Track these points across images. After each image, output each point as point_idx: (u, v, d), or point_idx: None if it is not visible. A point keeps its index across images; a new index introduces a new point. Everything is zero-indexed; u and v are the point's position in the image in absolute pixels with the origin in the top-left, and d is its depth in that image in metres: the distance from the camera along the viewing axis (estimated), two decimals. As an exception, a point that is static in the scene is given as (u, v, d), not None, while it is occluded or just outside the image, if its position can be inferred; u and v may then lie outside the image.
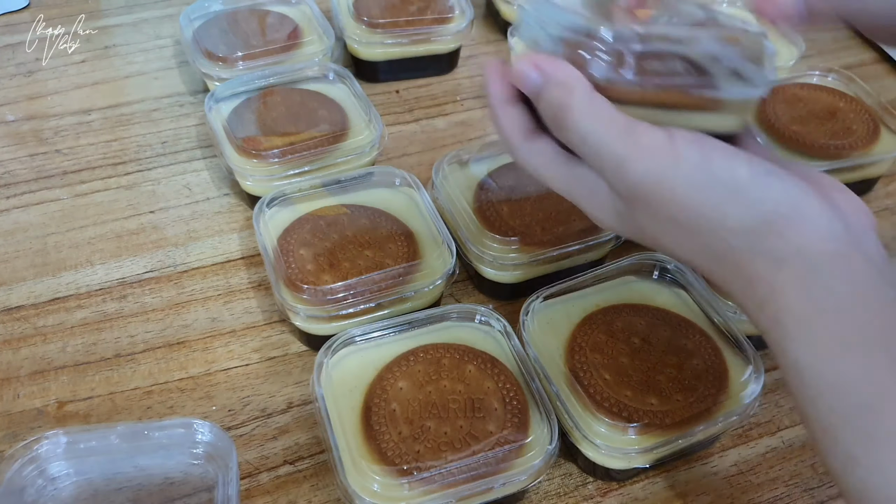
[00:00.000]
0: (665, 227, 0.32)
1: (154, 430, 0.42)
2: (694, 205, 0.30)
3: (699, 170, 0.30)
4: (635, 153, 0.30)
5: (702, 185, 0.30)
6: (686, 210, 0.30)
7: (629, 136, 0.31)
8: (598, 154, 0.31)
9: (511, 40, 0.68)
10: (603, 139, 0.31)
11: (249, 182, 0.57)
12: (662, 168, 0.30)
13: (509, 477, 0.41)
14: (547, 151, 0.34)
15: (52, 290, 0.53)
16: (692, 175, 0.30)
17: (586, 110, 0.31)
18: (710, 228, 0.30)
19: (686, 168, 0.30)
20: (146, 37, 0.75)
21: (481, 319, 0.48)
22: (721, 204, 0.30)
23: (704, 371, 0.45)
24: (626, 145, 0.31)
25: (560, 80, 0.32)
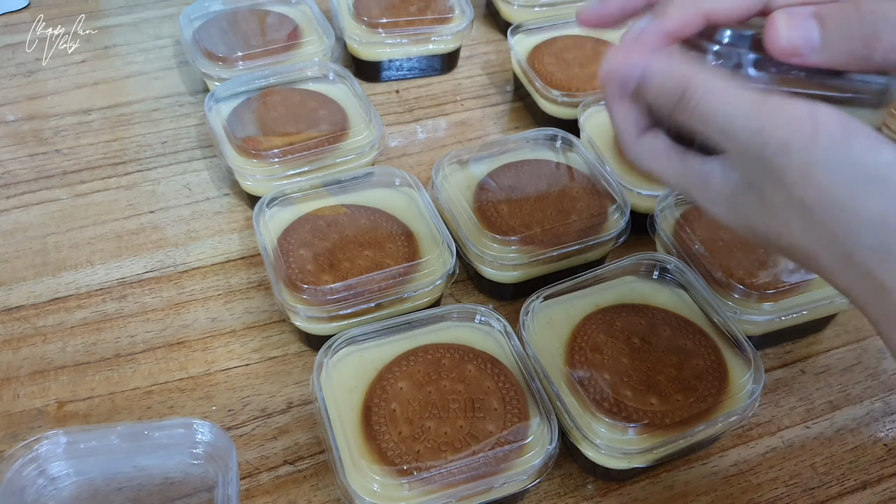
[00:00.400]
0: (788, 213, 0.29)
1: (154, 430, 0.42)
2: (829, 185, 0.27)
3: (840, 147, 0.27)
4: (771, 122, 0.28)
5: (840, 165, 0.27)
6: (819, 190, 0.27)
7: (763, 105, 0.28)
8: (726, 131, 0.29)
9: (511, 40, 0.68)
10: (733, 111, 0.29)
11: (249, 182, 0.57)
12: (800, 139, 0.27)
13: (509, 477, 0.41)
14: (659, 147, 0.33)
15: (52, 290, 0.53)
16: (831, 151, 0.27)
17: (711, 84, 0.29)
18: (843, 217, 0.27)
19: (825, 142, 0.27)
20: (146, 37, 0.75)
21: (481, 319, 0.48)
22: (858, 190, 0.27)
23: (704, 371, 0.45)
24: (761, 114, 0.28)
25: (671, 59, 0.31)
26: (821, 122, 0.28)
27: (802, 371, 0.52)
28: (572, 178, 0.56)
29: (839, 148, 0.27)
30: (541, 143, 0.60)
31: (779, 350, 0.53)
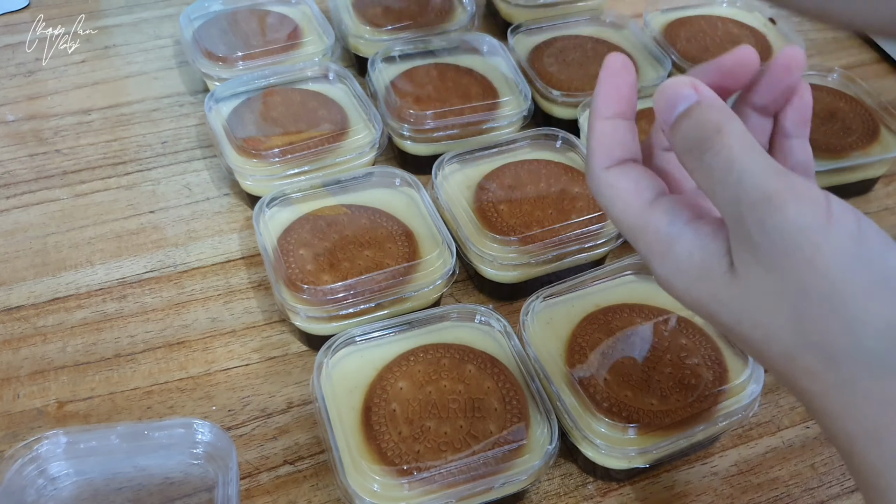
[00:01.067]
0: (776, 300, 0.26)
1: (154, 430, 0.42)
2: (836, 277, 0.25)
3: (852, 240, 0.25)
4: (788, 194, 0.26)
5: (852, 259, 0.25)
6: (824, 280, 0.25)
7: (784, 176, 0.26)
8: (738, 185, 0.26)
9: (511, 40, 0.68)
10: (752, 171, 0.26)
11: (249, 182, 0.57)
12: (815, 220, 0.25)
13: (509, 477, 0.41)
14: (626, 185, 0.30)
15: (52, 290, 0.53)
16: (844, 242, 0.25)
17: (742, 138, 0.27)
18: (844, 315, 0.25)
19: (839, 232, 0.25)
20: (146, 37, 0.75)
21: (481, 319, 0.48)
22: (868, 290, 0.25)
23: (704, 371, 0.45)
24: (780, 183, 0.26)
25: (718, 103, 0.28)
26: (836, 211, 0.26)
27: (802, 371, 0.52)
28: (572, 178, 0.56)
29: (853, 241, 0.25)
30: (541, 143, 0.60)
31: (779, 350, 0.53)
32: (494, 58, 0.67)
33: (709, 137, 0.27)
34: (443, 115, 0.60)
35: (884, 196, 0.65)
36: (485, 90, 0.63)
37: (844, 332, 0.25)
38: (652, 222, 0.30)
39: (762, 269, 0.26)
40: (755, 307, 0.27)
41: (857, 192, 0.64)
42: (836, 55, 0.78)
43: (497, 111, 0.62)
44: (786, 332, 0.26)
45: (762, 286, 0.26)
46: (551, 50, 0.67)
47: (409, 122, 0.60)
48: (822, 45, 0.80)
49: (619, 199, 0.30)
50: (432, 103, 0.61)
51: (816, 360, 0.26)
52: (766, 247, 0.26)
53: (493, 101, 0.62)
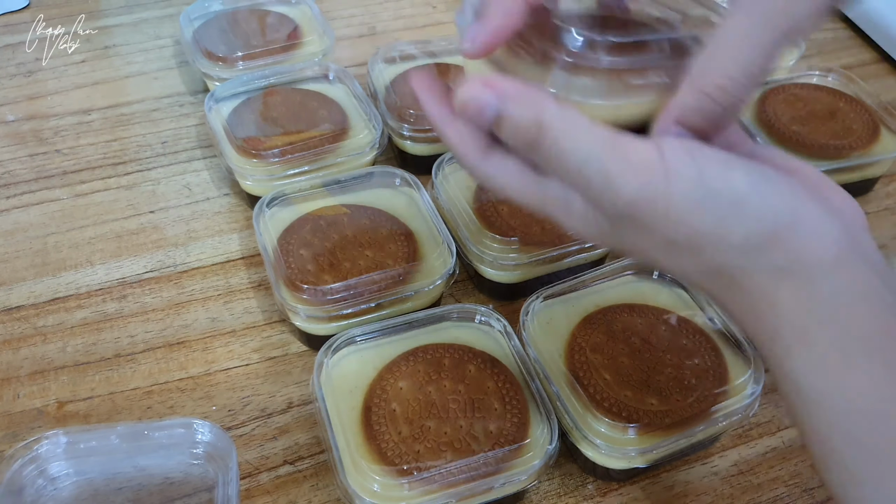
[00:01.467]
0: (657, 246, 0.29)
1: (154, 430, 0.42)
2: (692, 223, 0.28)
3: (695, 185, 0.27)
4: (624, 171, 0.28)
5: (699, 202, 0.27)
6: (683, 229, 0.28)
7: (615, 151, 0.28)
8: (580, 173, 0.28)
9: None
10: (587, 157, 0.28)
11: (249, 182, 0.57)
12: (655, 185, 0.27)
13: (509, 477, 0.41)
14: (509, 166, 0.31)
15: (52, 290, 0.53)
16: (688, 192, 0.27)
17: (563, 126, 0.28)
18: (711, 246, 0.28)
19: (680, 185, 0.27)
20: (146, 37, 0.75)
21: (481, 319, 0.48)
22: (722, 220, 0.28)
23: (704, 371, 0.45)
24: (614, 162, 0.28)
25: (524, 96, 0.29)
26: (670, 161, 0.27)
27: (802, 371, 0.52)
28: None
29: (695, 185, 0.27)
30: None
31: (779, 350, 0.53)
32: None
33: (532, 138, 0.29)
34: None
35: (884, 196, 0.65)
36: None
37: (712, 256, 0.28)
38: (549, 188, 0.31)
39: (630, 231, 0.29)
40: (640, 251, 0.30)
41: (857, 192, 0.64)
42: (836, 55, 0.78)
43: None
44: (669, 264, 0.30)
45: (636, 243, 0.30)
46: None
47: (409, 122, 0.60)
48: (822, 45, 0.80)
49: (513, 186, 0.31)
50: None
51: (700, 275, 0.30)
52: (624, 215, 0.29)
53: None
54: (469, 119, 0.30)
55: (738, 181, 0.28)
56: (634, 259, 0.32)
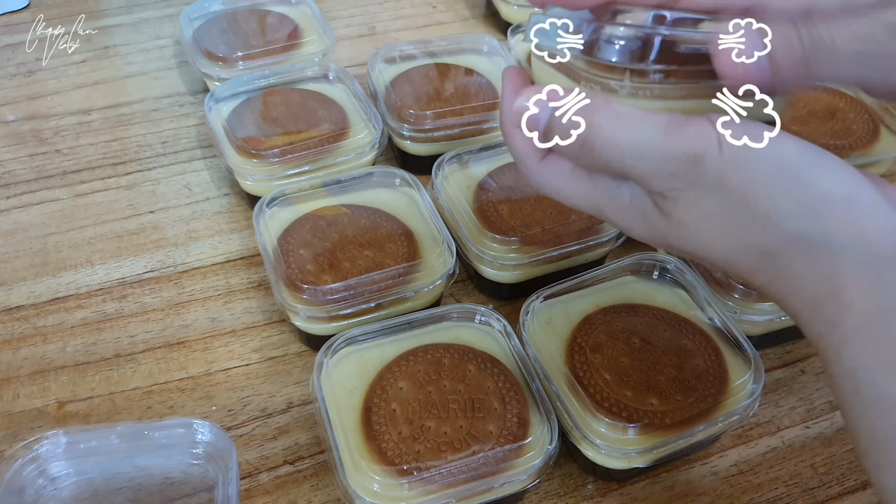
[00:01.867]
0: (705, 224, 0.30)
1: (154, 430, 0.42)
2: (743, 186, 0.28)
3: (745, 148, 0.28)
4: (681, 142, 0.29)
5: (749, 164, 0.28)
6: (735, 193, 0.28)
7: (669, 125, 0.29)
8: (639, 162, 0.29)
9: (511, 40, 0.68)
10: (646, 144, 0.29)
11: (249, 182, 0.57)
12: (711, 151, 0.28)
13: (509, 477, 0.41)
14: (564, 169, 0.33)
15: (52, 290, 0.53)
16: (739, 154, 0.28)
17: (614, 123, 0.30)
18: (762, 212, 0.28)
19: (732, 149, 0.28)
20: (146, 37, 0.75)
21: (481, 319, 0.48)
22: (771, 186, 0.28)
23: (704, 371, 0.45)
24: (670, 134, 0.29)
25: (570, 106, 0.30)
26: (722, 131, 0.28)
27: (802, 371, 0.52)
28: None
29: (745, 150, 0.28)
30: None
31: (779, 350, 0.53)
32: (494, 58, 0.67)
33: (585, 139, 0.30)
34: (443, 115, 0.60)
35: (884, 196, 0.64)
36: (485, 90, 0.63)
37: (765, 229, 0.28)
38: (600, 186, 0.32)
39: (683, 207, 0.30)
40: (691, 234, 0.31)
41: (857, 192, 0.64)
42: (836, 55, 0.78)
43: (497, 111, 0.62)
44: (722, 245, 0.30)
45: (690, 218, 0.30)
46: (551, 50, 0.67)
47: (409, 122, 0.60)
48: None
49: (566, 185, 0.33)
50: (432, 103, 0.61)
51: (753, 258, 0.30)
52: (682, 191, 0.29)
53: (494, 100, 0.62)
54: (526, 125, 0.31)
55: (787, 149, 0.28)
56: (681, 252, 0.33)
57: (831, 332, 0.28)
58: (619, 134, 0.29)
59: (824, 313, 0.28)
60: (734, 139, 0.28)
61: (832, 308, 0.27)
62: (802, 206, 0.28)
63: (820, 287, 0.28)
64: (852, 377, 0.27)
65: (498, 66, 0.66)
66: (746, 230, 0.29)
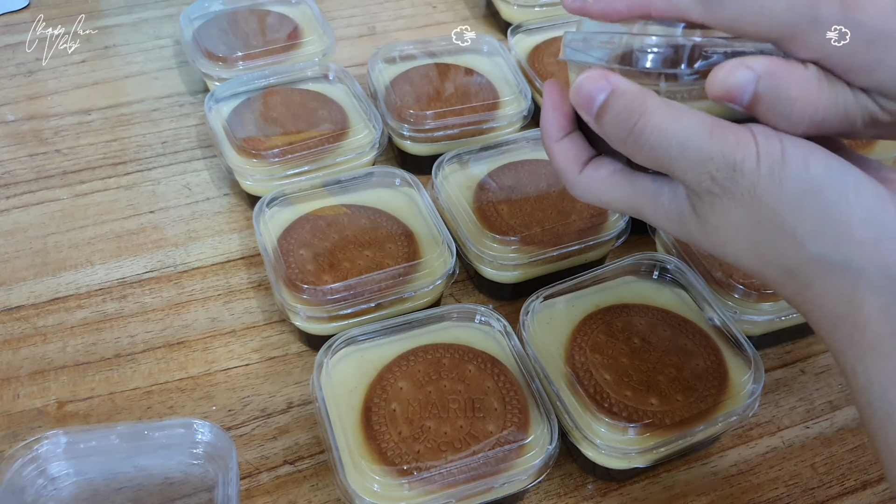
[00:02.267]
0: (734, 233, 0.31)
1: (154, 430, 0.42)
2: (773, 202, 0.29)
3: (780, 165, 0.29)
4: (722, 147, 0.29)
5: (781, 181, 0.29)
6: (766, 208, 0.29)
7: (713, 131, 0.30)
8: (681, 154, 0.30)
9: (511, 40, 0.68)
10: (687, 138, 0.30)
11: (249, 182, 0.57)
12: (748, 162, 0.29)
13: (509, 477, 0.41)
14: (603, 175, 0.34)
15: (52, 290, 0.53)
16: (774, 169, 0.29)
17: (666, 111, 0.30)
18: (788, 231, 0.29)
19: (767, 162, 0.29)
20: (146, 37, 0.75)
21: (481, 319, 0.48)
22: (798, 203, 0.29)
23: (704, 371, 0.45)
24: (713, 140, 0.29)
25: (628, 88, 0.31)
26: (761, 143, 0.29)
27: (802, 371, 0.52)
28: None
29: (779, 166, 0.29)
30: (541, 142, 0.59)
31: (779, 350, 0.53)
32: (494, 58, 0.67)
33: (636, 123, 0.31)
34: (443, 115, 0.60)
35: (884, 196, 0.64)
36: (485, 90, 0.63)
37: (790, 247, 0.30)
38: (639, 188, 0.34)
39: (717, 213, 0.31)
40: (722, 241, 0.32)
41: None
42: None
43: (497, 111, 0.62)
44: (749, 257, 0.31)
45: (721, 225, 0.31)
46: (551, 50, 0.67)
47: (409, 122, 0.60)
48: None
49: (607, 190, 0.34)
50: (432, 103, 0.61)
51: (778, 273, 0.31)
52: (716, 196, 0.30)
53: (494, 100, 0.62)
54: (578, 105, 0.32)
55: (816, 168, 0.29)
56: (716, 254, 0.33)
57: (848, 349, 0.29)
58: (669, 123, 0.30)
59: (842, 331, 0.29)
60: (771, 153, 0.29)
61: (849, 327, 0.29)
62: (824, 228, 0.28)
63: (838, 306, 0.29)
64: (867, 393, 0.28)
65: (498, 66, 0.66)
66: (772, 247, 0.30)
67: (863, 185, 0.29)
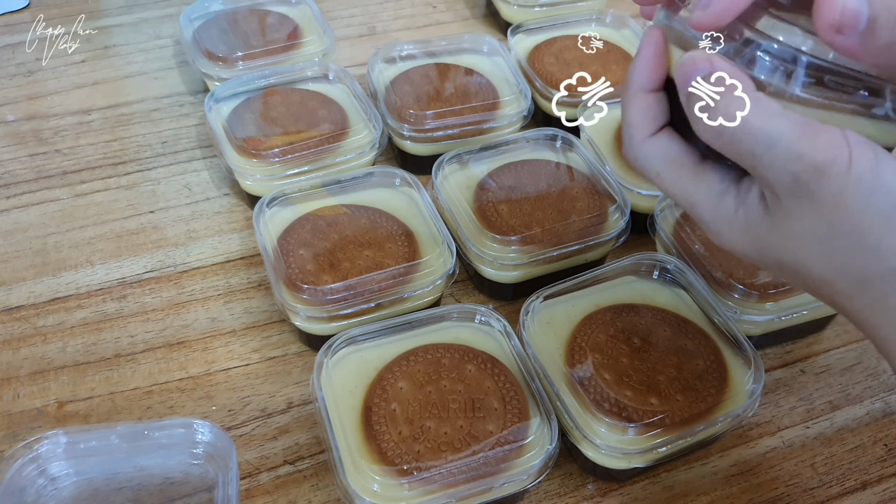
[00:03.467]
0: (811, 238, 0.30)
1: (154, 430, 0.42)
2: (858, 210, 0.28)
3: (871, 174, 0.28)
4: (812, 147, 0.28)
5: (871, 191, 0.28)
6: (848, 214, 0.28)
7: (805, 130, 0.28)
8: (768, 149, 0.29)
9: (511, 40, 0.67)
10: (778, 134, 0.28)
11: (249, 182, 0.57)
12: (838, 165, 0.28)
13: (509, 477, 0.41)
14: (673, 152, 0.32)
15: (52, 290, 0.53)
16: (864, 177, 0.28)
17: (757, 102, 0.29)
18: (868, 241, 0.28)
19: (859, 169, 0.28)
20: (146, 37, 0.75)
21: (481, 319, 0.48)
22: (887, 216, 0.28)
23: (704, 371, 0.45)
24: (803, 139, 0.28)
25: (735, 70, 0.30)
26: (854, 149, 0.28)
27: (802, 371, 0.52)
28: (572, 178, 0.56)
29: (871, 175, 0.28)
30: (541, 143, 0.60)
31: (779, 350, 0.53)
32: (494, 58, 0.67)
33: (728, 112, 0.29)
34: (443, 115, 0.60)
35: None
36: (485, 90, 0.63)
37: (871, 258, 0.29)
38: (703, 182, 0.32)
39: (795, 217, 0.30)
40: (793, 246, 0.30)
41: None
42: (836, 55, 0.78)
43: (497, 111, 0.62)
44: (822, 265, 0.30)
45: (797, 230, 0.30)
46: (551, 50, 0.67)
47: (409, 122, 0.60)
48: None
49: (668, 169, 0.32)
50: (432, 103, 0.61)
51: (850, 284, 0.30)
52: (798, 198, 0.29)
53: (494, 100, 0.62)
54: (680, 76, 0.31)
55: None
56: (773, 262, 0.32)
57: None
58: (759, 119, 0.29)
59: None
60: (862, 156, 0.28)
61: None
62: None
63: None
64: None
65: (498, 66, 0.66)
66: (851, 256, 0.29)
67: None
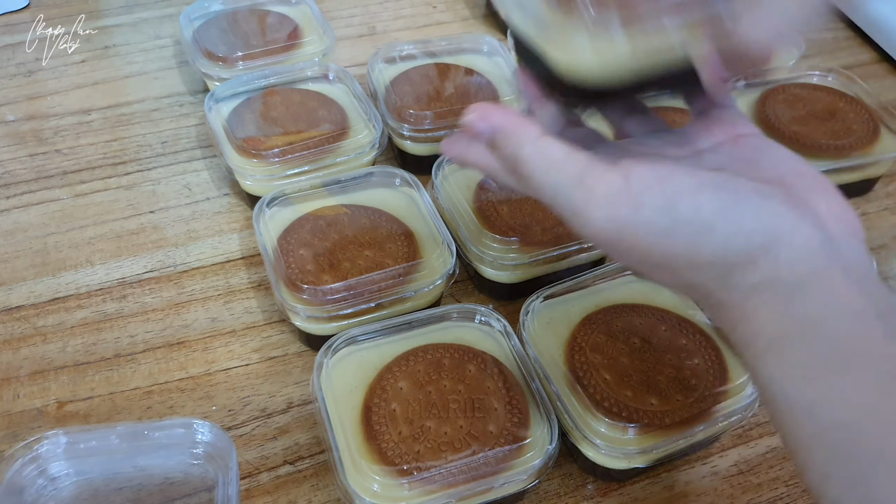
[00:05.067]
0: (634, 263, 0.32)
1: (154, 430, 0.42)
2: (661, 249, 0.29)
3: (663, 214, 0.29)
4: (591, 202, 0.30)
5: (667, 231, 0.29)
6: (653, 254, 0.30)
7: (583, 184, 0.30)
8: (555, 203, 0.31)
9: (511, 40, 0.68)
10: (558, 189, 0.31)
11: (249, 182, 0.57)
12: (622, 216, 0.29)
13: (509, 477, 0.41)
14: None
15: (52, 290, 0.53)
16: (655, 221, 0.29)
17: (538, 161, 0.31)
18: (683, 266, 0.30)
19: (647, 214, 0.29)
20: (146, 37, 0.75)
21: (481, 319, 0.48)
22: (691, 244, 0.29)
23: (704, 371, 0.45)
24: (582, 194, 0.30)
25: (508, 130, 0.32)
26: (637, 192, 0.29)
27: (802, 371, 0.52)
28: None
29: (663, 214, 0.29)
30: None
31: (779, 350, 0.53)
32: (494, 58, 0.67)
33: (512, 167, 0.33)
34: (443, 115, 0.60)
35: (884, 196, 0.64)
36: (484, 90, 0.63)
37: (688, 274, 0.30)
38: None
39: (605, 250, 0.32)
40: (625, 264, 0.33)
41: (857, 192, 0.64)
42: (836, 55, 0.78)
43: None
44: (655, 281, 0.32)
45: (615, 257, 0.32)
46: (551, 50, 0.67)
47: (409, 122, 0.60)
48: (822, 45, 0.80)
49: None
50: (432, 103, 0.61)
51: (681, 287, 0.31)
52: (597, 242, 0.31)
53: (494, 100, 0.62)
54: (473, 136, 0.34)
55: (706, 208, 0.29)
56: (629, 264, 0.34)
57: (746, 351, 0.30)
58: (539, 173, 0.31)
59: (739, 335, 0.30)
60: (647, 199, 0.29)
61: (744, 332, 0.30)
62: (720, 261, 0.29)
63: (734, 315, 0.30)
64: (768, 387, 0.29)
65: (498, 66, 0.66)
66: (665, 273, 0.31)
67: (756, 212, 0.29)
